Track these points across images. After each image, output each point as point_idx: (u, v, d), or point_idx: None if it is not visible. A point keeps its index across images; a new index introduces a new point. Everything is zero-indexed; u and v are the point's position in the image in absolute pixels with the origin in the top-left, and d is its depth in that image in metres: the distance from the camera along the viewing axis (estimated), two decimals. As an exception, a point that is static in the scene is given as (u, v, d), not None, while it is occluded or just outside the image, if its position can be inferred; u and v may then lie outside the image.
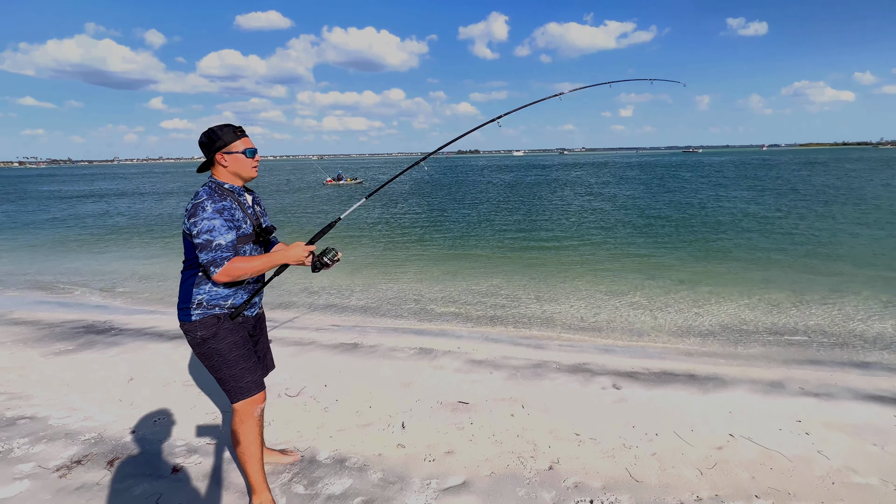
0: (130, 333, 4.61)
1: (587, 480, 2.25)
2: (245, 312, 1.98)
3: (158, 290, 7.03)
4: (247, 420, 1.92)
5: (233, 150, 1.87)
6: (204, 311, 1.85)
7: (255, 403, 1.93)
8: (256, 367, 1.96)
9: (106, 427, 2.74)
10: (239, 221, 1.85)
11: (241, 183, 1.94)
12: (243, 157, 1.89)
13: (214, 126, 1.89)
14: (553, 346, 4.48)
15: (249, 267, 1.80)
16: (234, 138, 1.87)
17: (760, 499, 2.12)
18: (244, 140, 1.90)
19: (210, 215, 1.75)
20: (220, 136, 1.85)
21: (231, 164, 1.88)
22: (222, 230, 1.76)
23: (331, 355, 3.99)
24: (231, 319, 1.90)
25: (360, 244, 10.99)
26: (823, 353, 4.35)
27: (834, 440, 2.60)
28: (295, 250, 1.89)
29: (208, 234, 1.74)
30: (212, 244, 1.74)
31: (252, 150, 1.92)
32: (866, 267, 7.71)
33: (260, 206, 2.07)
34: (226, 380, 1.89)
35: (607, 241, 10.60)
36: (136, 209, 20.63)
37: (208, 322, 1.85)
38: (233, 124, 1.90)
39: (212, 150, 1.86)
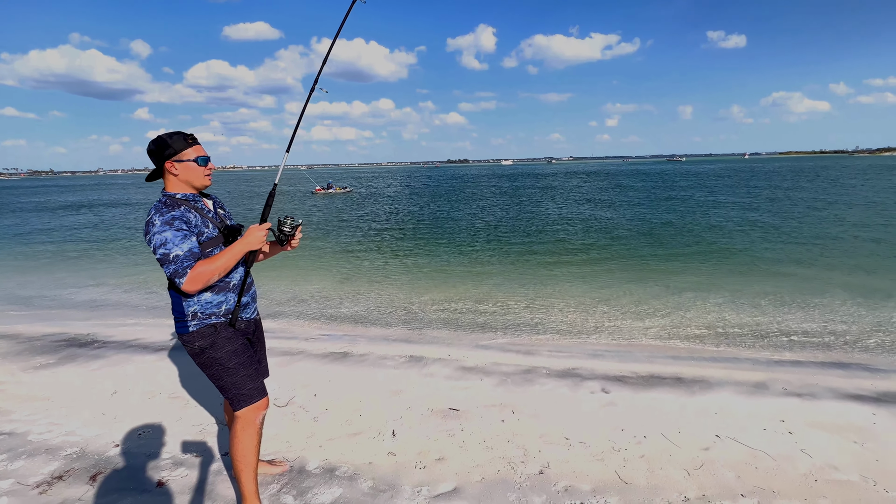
0: (114, 346, 4.52)
1: (577, 483, 2.27)
2: (242, 315, 1.96)
3: (142, 302, 6.91)
4: (248, 428, 1.90)
5: (183, 159, 1.80)
6: (200, 322, 1.83)
7: (258, 410, 1.91)
8: (258, 373, 1.95)
9: (88, 442, 2.67)
10: (198, 227, 1.79)
11: (194, 192, 1.88)
12: (195, 164, 1.82)
13: (164, 133, 1.82)
14: (543, 351, 4.50)
15: (214, 267, 1.75)
16: (185, 146, 1.81)
17: (746, 497, 2.15)
18: (196, 148, 1.84)
19: (159, 229, 1.70)
20: (170, 144, 1.79)
21: (182, 173, 1.81)
22: (176, 241, 1.70)
23: (320, 364, 3.96)
24: (231, 326, 1.88)
25: (348, 253, 10.95)
26: (806, 355, 4.45)
27: (816, 439, 2.66)
28: (252, 233, 1.83)
29: (163, 247, 1.69)
30: (169, 257, 1.69)
31: (204, 158, 1.86)
32: (846, 270, 7.93)
33: (224, 210, 2.03)
34: (227, 388, 1.87)
35: (598, 247, 10.73)
36: (118, 220, 20.28)
37: (205, 332, 1.83)
38: (184, 132, 1.84)
39: (161, 158, 1.79)
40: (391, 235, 13.69)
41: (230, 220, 2.03)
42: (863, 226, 12.73)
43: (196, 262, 1.73)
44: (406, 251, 11.07)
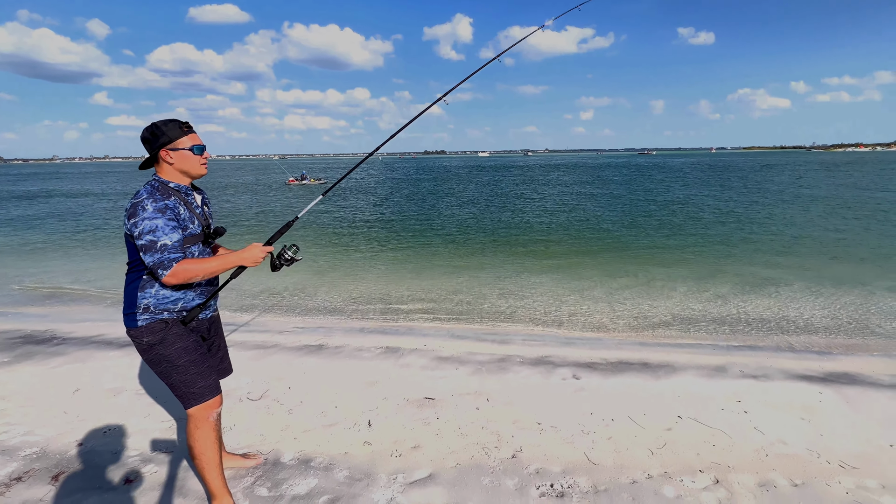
0: (75, 342, 4.33)
1: (548, 466, 2.35)
2: (201, 315, 1.93)
3: (105, 297, 6.62)
4: (202, 426, 1.86)
5: (179, 147, 1.77)
6: (151, 316, 1.77)
7: (209, 409, 1.87)
8: (210, 371, 1.90)
9: (49, 441, 2.57)
10: (185, 221, 1.77)
11: (188, 181, 1.86)
12: (190, 153, 1.80)
13: (158, 121, 1.78)
14: (517, 340, 4.60)
15: (202, 269, 1.73)
16: (181, 134, 1.78)
17: (704, 473, 2.29)
18: (191, 136, 1.81)
19: (151, 214, 1.66)
20: (165, 132, 1.75)
21: (177, 162, 1.79)
22: (166, 230, 1.68)
23: (294, 357, 3.92)
24: (183, 325, 1.83)
25: (324, 245, 10.79)
26: (762, 339, 4.72)
27: (768, 417, 2.84)
28: (252, 251, 1.83)
29: (151, 234, 1.65)
30: (156, 245, 1.65)
31: (200, 147, 1.83)
32: (803, 260, 8.40)
33: (209, 207, 2.00)
34: (177, 385, 1.83)
35: (573, 239, 10.96)
36: (77, 210, 19.23)
37: (155, 327, 1.77)
38: (179, 119, 1.81)
39: (155, 147, 1.76)
40: (367, 227, 13.56)
41: (213, 219, 2.00)
42: (822, 218, 13.48)
43: (182, 256, 1.70)
44: (382, 243, 11.00)
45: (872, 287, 6.44)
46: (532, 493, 2.15)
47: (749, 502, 2.08)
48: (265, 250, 1.86)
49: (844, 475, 2.27)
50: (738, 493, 2.14)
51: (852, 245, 9.57)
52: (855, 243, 9.74)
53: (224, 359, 2.16)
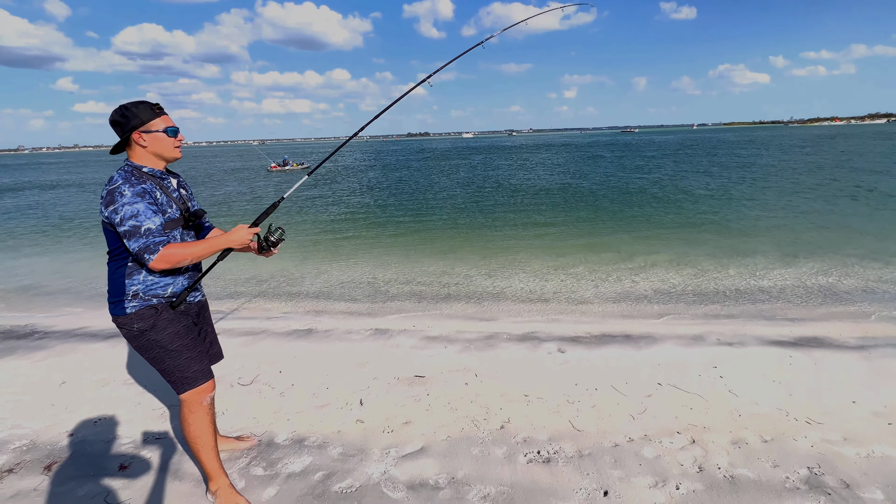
0: (57, 336, 4.26)
1: (535, 434, 2.45)
2: (187, 299, 1.92)
3: (85, 288, 6.48)
4: (196, 410, 1.88)
5: (152, 129, 1.74)
6: (141, 303, 1.77)
7: (203, 393, 1.89)
8: (202, 355, 1.91)
9: (38, 433, 2.57)
10: (163, 206, 1.75)
11: (162, 165, 1.83)
12: (164, 135, 1.77)
13: (128, 102, 1.75)
14: (504, 318, 4.70)
15: (188, 252, 1.72)
16: (153, 116, 1.74)
17: (681, 434, 2.42)
18: (164, 118, 1.78)
19: (130, 199, 1.64)
20: (137, 114, 1.72)
21: (151, 145, 1.75)
22: (148, 213, 1.66)
23: (284, 342, 3.94)
24: (172, 309, 1.83)
25: (310, 229, 10.68)
26: (738, 308, 4.91)
27: (742, 380, 2.99)
28: (238, 233, 1.82)
29: (133, 219, 1.63)
30: (140, 230, 1.64)
31: (174, 129, 1.80)
32: (777, 232, 8.67)
33: (186, 190, 1.98)
34: (170, 371, 1.83)
35: (556, 219, 11.07)
36: (50, 202, 18.54)
37: (145, 313, 1.77)
38: (149, 101, 1.77)
39: (126, 129, 1.72)
40: (353, 212, 13.43)
41: (192, 201, 1.97)
42: (804, 192, 13.85)
43: (166, 240, 1.69)
44: (368, 227, 10.94)
45: (843, 255, 6.71)
46: (520, 460, 2.25)
47: (722, 458, 2.21)
48: (251, 231, 1.86)
49: (810, 430, 2.42)
50: (712, 450, 2.27)
51: (828, 217, 9.89)
52: (832, 215, 10.07)
53: (214, 344, 2.17)
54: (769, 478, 2.08)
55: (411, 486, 2.08)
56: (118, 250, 1.74)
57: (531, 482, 2.09)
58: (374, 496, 2.01)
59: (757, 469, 2.13)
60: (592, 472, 2.14)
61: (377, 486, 2.08)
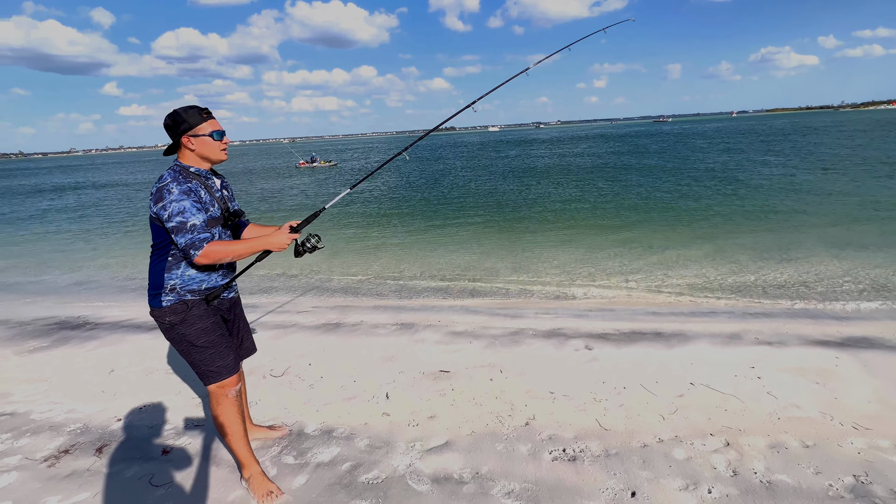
0: (106, 327, 4.55)
1: (560, 432, 2.43)
2: (224, 295, 2.01)
3: (129, 283, 6.88)
4: (222, 402, 1.97)
5: (199, 133, 1.84)
6: (176, 297, 1.85)
7: (227, 387, 1.97)
8: (228, 351, 1.98)
9: (91, 417, 2.76)
10: (206, 204, 1.84)
11: (208, 166, 1.93)
12: (210, 139, 1.86)
13: (179, 108, 1.85)
14: (529, 314, 4.65)
15: (230, 251, 1.81)
16: (200, 120, 1.84)
17: (714, 436, 2.33)
18: (211, 122, 1.87)
19: (178, 197, 1.74)
20: (186, 119, 1.82)
21: (198, 148, 1.86)
22: (193, 211, 1.75)
23: (313, 336, 4.05)
24: (207, 304, 1.91)
25: (339, 225, 10.90)
26: (779, 306, 4.67)
27: (782, 382, 2.85)
28: (279, 237, 1.90)
29: (180, 216, 1.73)
30: (186, 226, 1.73)
31: (220, 133, 1.89)
32: (824, 226, 8.16)
33: (228, 191, 2.06)
34: (196, 363, 1.93)
35: (585, 211, 10.83)
36: (99, 200, 19.74)
37: (178, 308, 1.85)
38: (198, 105, 1.88)
39: (177, 133, 1.83)
40: (378, 209, 13.60)
41: (233, 201, 2.06)
42: (852, 182, 12.97)
43: (210, 236, 1.79)
44: (394, 223, 11.05)
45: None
46: (545, 457, 2.23)
47: (759, 463, 2.12)
48: (291, 237, 1.93)
49: (857, 436, 2.28)
50: (748, 454, 2.18)
51: (882, 209, 9.22)
52: (885, 207, 9.38)
53: (246, 339, 2.25)
54: (810, 485, 1.98)
55: (436, 479, 2.10)
56: (161, 245, 1.84)
57: (556, 480, 2.07)
58: (400, 488, 2.05)
59: (797, 475, 2.03)
60: (620, 472, 2.10)
61: (402, 478, 2.12)
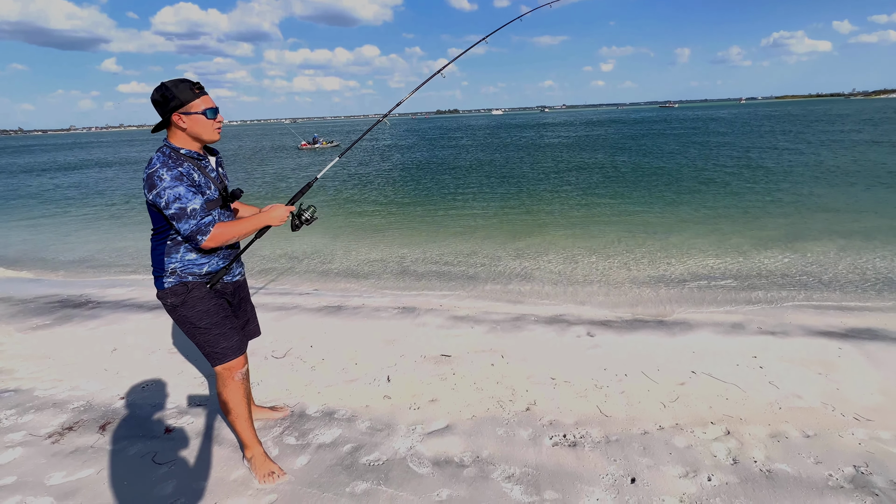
0: (109, 306, 4.56)
1: (561, 418, 2.43)
2: (224, 279, 1.97)
3: (132, 262, 6.88)
4: (228, 384, 1.96)
5: (191, 111, 1.72)
6: (177, 279, 1.83)
7: (233, 369, 1.95)
8: (233, 333, 1.96)
9: (94, 395, 2.78)
10: (202, 187, 1.76)
11: (199, 146, 1.82)
12: (203, 117, 1.74)
13: (168, 81, 1.71)
14: (532, 300, 4.64)
15: (236, 230, 1.78)
16: (193, 96, 1.72)
17: (715, 425, 2.34)
18: (204, 98, 1.75)
19: (171, 183, 1.66)
20: (176, 94, 1.69)
21: (190, 126, 1.74)
22: (189, 195, 1.68)
23: (315, 318, 4.05)
24: (210, 287, 1.88)
25: (341, 209, 10.84)
26: (783, 295, 4.63)
27: (784, 372, 2.84)
28: (276, 211, 1.88)
29: (178, 202, 1.66)
30: (186, 211, 1.67)
31: (213, 110, 1.77)
32: (828, 215, 8.07)
33: (223, 169, 1.99)
34: (201, 345, 1.92)
35: (587, 198, 10.73)
36: (100, 180, 19.64)
37: (178, 289, 1.83)
38: (190, 80, 1.74)
39: (167, 110, 1.71)
40: (381, 191, 13.50)
41: (228, 181, 1.99)
42: (856, 172, 12.79)
43: (212, 219, 1.73)
44: (397, 206, 10.98)
45: (905, 241, 6.17)
46: (545, 442, 2.24)
47: (759, 452, 2.13)
48: (288, 209, 1.92)
49: (858, 427, 2.28)
50: (748, 443, 2.19)
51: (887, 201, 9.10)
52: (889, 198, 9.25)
53: (251, 321, 2.23)
54: (810, 474, 1.98)
55: (436, 462, 2.12)
56: (160, 229, 1.80)
57: (556, 465, 2.08)
58: (401, 470, 2.07)
59: (797, 464, 2.04)
60: (620, 459, 2.11)
61: (403, 460, 2.13)
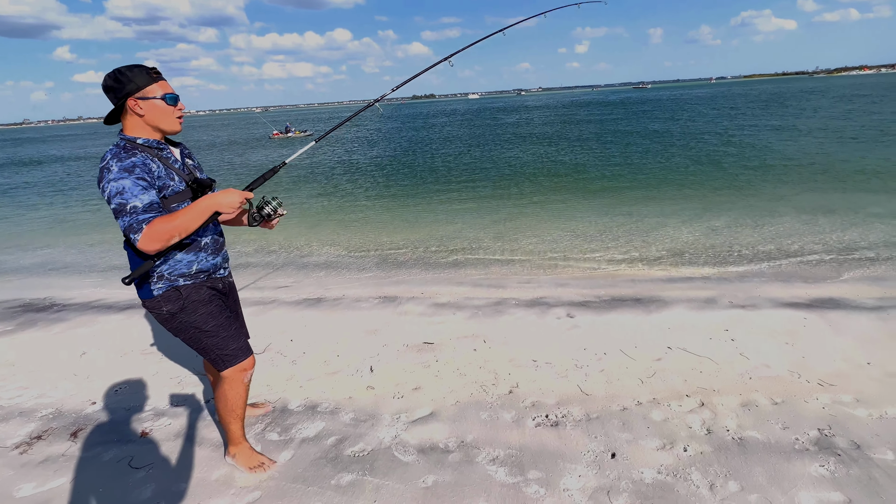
0: (75, 308, 4.37)
1: (543, 399, 2.47)
2: (216, 275, 1.84)
3: (100, 261, 6.60)
4: (237, 386, 1.87)
5: (148, 96, 1.59)
6: (167, 284, 1.69)
7: (244, 370, 1.86)
8: (240, 332, 1.88)
9: (63, 402, 2.67)
10: (162, 179, 1.61)
11: (160, 136, 1.69)
12: (162, 103, 1.61)
13: (123, 66, 1.58)
14: (512, 284, 4.67)
15: (175, 224, 1.54)
16: (149, 81, 1.59)
17: (690, 397, 2.42)
18: (161, 83, 1.62)
19: (116, 175, 1.50)
20: (132, 79, 1.57)
21: (148, 113, 1.61)
22: (135, 190, 1.51)
23: (294, 311, 3.98)
24: (208, 287, 1.77)
25: (316, 198, 10.62)
26: (752, 269, 4.81)
27: (754, 343, 2.96)
28: (227, 196, 1.61)
29: (119, 196, 1.50)
30: (126, 208, 1.49)
31: (173, 97, 1.65)
32: (798, 191, 8.37)
33: (192, 160, 1.85)
34: (209, 349, 1.79)
35: (566, 179, 10.82)
36: (61, 176, 18.65)
37: (172, 295, 1.69)
38: (145, 65, 1.62)
39: (121, 96, 1.57)
40: (358, 179, 13.28)
41: (200, 172, 1.84)
42: (821, 152, 13.26)
43: (156, 216, 1.53)
44: (374, 194, 10.83)
45: (864, 214, 6.48)
46: (528, 423, 2.28)
47: (731, 421, 2.22)
48: (242, 195, 1.64)
49: (822, 392, 2.40)
50: (721, 413, 2.28)
51: (851, 172, 9.49)
52: (853, 171, 9.66)
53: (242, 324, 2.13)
54: (778, 439, 2.08)
55: (421, 449, 2.13)
56: None
57: (539, 445, 2.12)
58: (386, 459, 2.07)
59: (766, 431, 2.14)
60: (600, 435, 2.17)
61: (388, 449, 2.13)
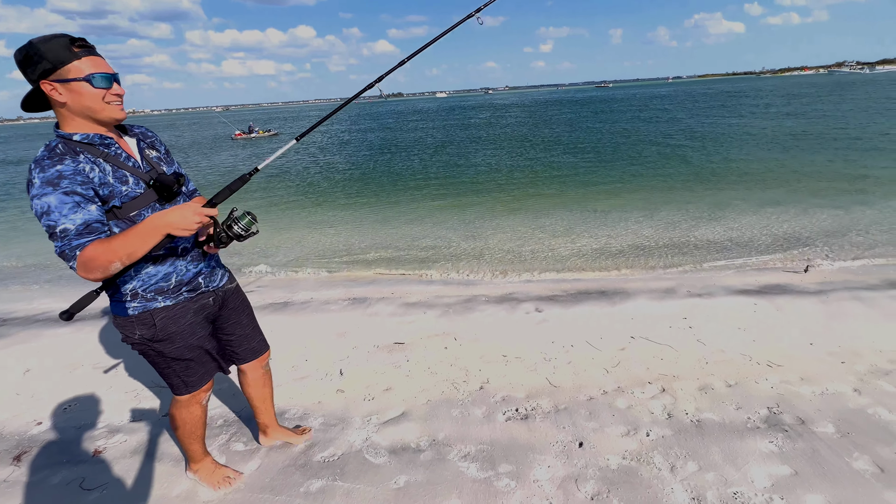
0: (17, 322, 4.06)
1: (513, 393, 2.51)
2: (204, 287, 1.60)
3: (45, 269, 6.16)
4: (192, 407, 1.73)
5: (68, 77, 1.22)
6: (143, 304, 1.44)
7: (201, 394, 1.73)
8: (210, 359, 1.68)
9: (4, 424, 2.47)
10: (108, 185, 1.30)
11: (103, 129, 1.34)
12: (87, 85, 1.23)
13: (38, 37, 1.22)
14: (482, 281, 4.72)
15: (114, 250, 1.22)
16: (70, 56, 1.21)
17: (652, 384, 2.52)
18: (91, 59, 1.24)
19: (39, 190, 1.21)
20: (44, 53, 1.19)
21: (70, 100, 1.24)
22: (63, 209, 1.21)
23: (261, 316, 3.78)
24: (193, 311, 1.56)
25: (282, 199, 10.33)
26: (708, 259, 5.06)
27: (710, 329, 3.12)
28: (182, 213, 1.25)
29: (46, 217, 1.21)
30: (55, 231, 1.21)
31: (105, 76, 1.26)
32: (749, 184, 8.87)
33: (158, 150, 1.53)
34: (169, 376, 1.62)
35: (532, 178, 11.01)
36: None
37: (145, 319, 1.45)
38: (69, 34, 1.24)
39: (34, 77, 1.22)
40: (325, 180, 13.02)
41: (170, 164, 1.53)
42: (773, 144, 14.09)
43: (91, 240, 1.23)
44: (341, 195, 10.65)
45: (807, 205, 6.95)
46: (499, 418, 2.31)
47: (690, 405, 2.32)
48: (203, 211, 1.29)
49: (771, 373, 2.56)
50: (681, 397, 2.38)
51: (796, 167, 10.15)
52: (801, 166, 10.33)
53: (249, 339, 1.87)
54: (732, 419, 2.20)
55: (393, 450, 2.11)
56: None
57: (510, 439, 2.15)
58: (357, 462, 2.04)
59: (721, 412, 2.25)
60: (568, 426, 2.22)
61: (359, 452, 2.10)
